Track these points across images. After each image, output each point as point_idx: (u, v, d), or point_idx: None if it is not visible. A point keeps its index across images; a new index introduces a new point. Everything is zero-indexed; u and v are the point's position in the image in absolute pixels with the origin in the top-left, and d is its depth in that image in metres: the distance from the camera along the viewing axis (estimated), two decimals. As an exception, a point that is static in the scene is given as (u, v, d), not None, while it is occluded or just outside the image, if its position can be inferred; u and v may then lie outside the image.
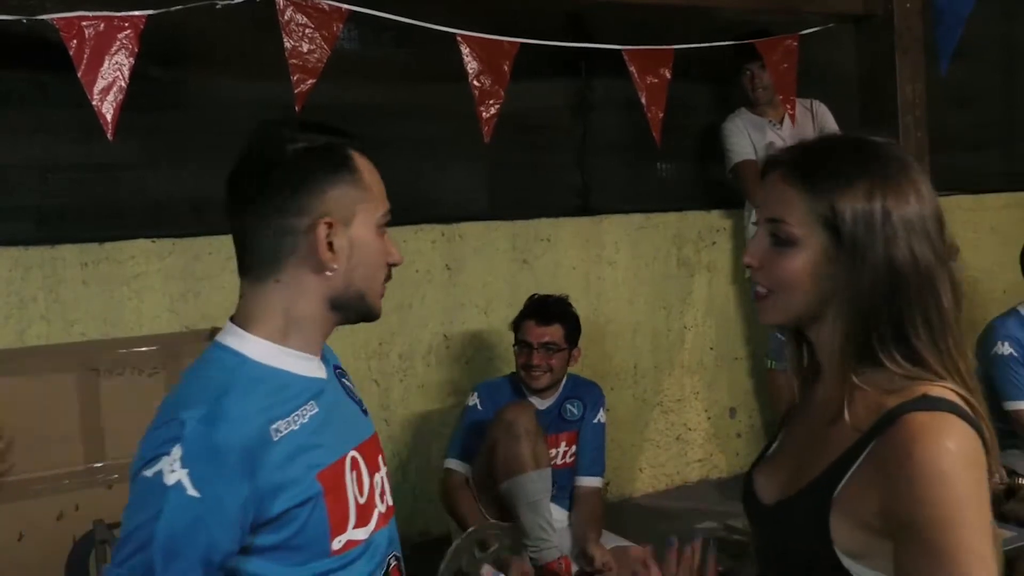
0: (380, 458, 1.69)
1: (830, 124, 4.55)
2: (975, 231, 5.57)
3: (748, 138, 4.49)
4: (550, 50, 3.36)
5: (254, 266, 1.54)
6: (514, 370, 3.66)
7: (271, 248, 1.52)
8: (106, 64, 2.43)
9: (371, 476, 1.62)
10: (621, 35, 3.38)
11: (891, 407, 1.31)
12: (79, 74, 2.42)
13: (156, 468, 1.38)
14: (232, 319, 1.56)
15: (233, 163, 1.57)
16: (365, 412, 1.77)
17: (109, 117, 2.43)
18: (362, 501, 1.57)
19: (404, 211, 4.31)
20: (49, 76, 3.37)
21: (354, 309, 1.58)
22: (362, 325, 4.06)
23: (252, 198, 1.52)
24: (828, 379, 1.42)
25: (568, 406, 3.64)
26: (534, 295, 3.70)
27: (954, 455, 1.25)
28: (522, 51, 3.04)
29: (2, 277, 3.38)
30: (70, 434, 2.56)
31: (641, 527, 3.94)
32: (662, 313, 4.68)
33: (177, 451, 1.38)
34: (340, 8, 2.70)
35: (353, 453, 1.59)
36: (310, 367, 1.57)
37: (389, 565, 1.64)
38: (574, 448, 3.63)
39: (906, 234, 1.36)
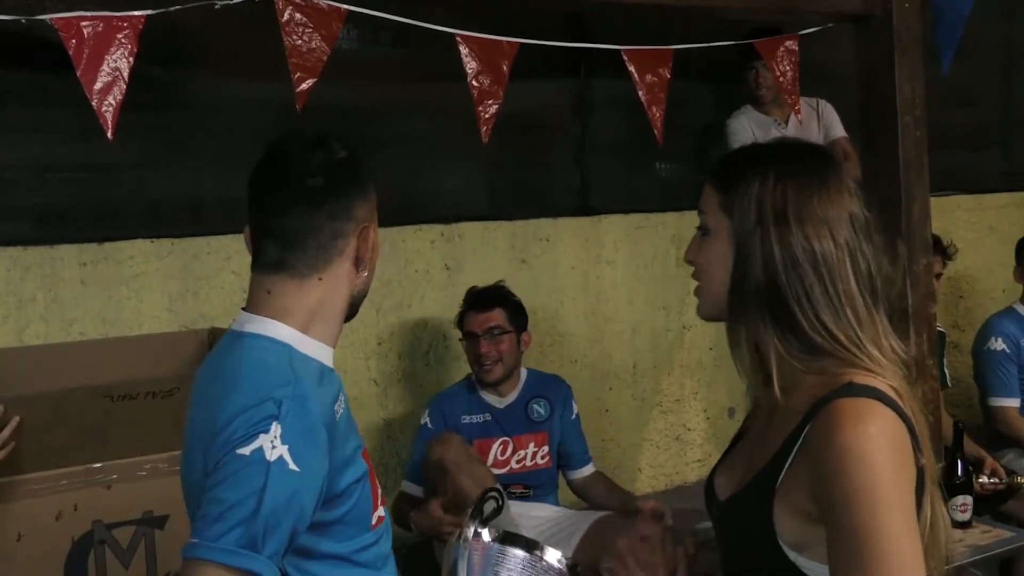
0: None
1: (835, 124, 4.54)
2: (974, 231, 5.57)
3: (752, 136, 4.48)
4: (549, 50, 3.35)
5: (297, 264, 1.61)
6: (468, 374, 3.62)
7: (325, 248, 1.61)
8: (105, 64, 2.43)
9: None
10: (620, 35, 3.37)
11: (820, 396, 1.35)
12: (78, 74, 2.41)
13: (255, 445, 1.44)
14: (253, 312, 1.63)
15: (265, 165, 1.65)
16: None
17: (108, 117, 2.42)
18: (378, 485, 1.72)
19: (404, 211, 4.36)
20: (48, 76, 3.37)
21: (357, 306, 1.71)
22: (361, 325, 4.05)
23: (308, 202, 1.61)
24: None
25: (534, 406, 3.59)
26: (471, 288, 3.66)
27: (874, 438, 1.28)
28: (521, 51, 3.04)
29: (1, 277, 3.38)
30: (69, 434, 2.56)
31: (640, 527, 3.94)
32: (661, 313, 4.68)
33: (276, 428, 1.45)
34: (339, 8, 2.70)
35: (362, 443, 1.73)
36: (329, 359, 1.67)
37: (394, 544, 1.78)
38: (546, 448, 3.58)
39: (802, 228, 1.39)
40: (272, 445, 1.45)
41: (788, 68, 3.48)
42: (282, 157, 1.65)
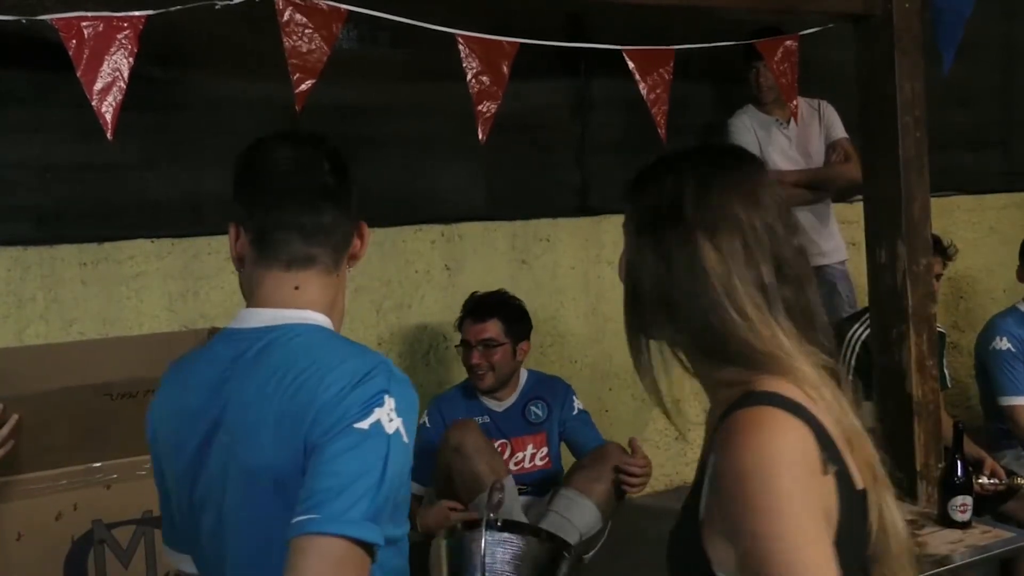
0: None
1: (836, 125, 4.54)
2: (975, 231, 5.57)
3: (754, 136, 4.49)
4: (549, 50, 3.35)
5: (326, 260, 1.63)
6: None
7: (343, 245, 1.66)
8: (105, 64, 2.43)
9: None
10: (620, 35, 3.37)
11: (724, 410, 1.30)
12: (78, 74, 2.41)
13: (372, 419, 1.44)
14: (284, 307, 1.60)
15: (267, 164, 1.65)
16: None
17: (108, 117, 2.42)
18: None
19: (404, 211, 4.36)
20: (48, 76, 3.37)
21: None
22: (361, 325, 4.04)
23: (339, 199, 1.65)
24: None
25: (532, 408, 3.58)
26: (474, 293, 3.64)
27: (764, 448, 1.21)
28: (521, 50, 3.04)
29: (1, 277, 3.38)
30: (69, 433, 2.56)
31: (640, 528, 3.94)
32: (661, 313, 4.68)
33: (390, 402, 1.47)
34: (339, 8, 2.70)
35: None
36: None
37: None
38: (545, 450, 3.57)
39: (684, 233, 1.35)
40: (389, 418, 1.45)
41: (788, 68, 3.48)
42: (293, 153, 1.66)
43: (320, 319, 1.61)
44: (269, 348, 1.56)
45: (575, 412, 3.61)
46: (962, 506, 2.85)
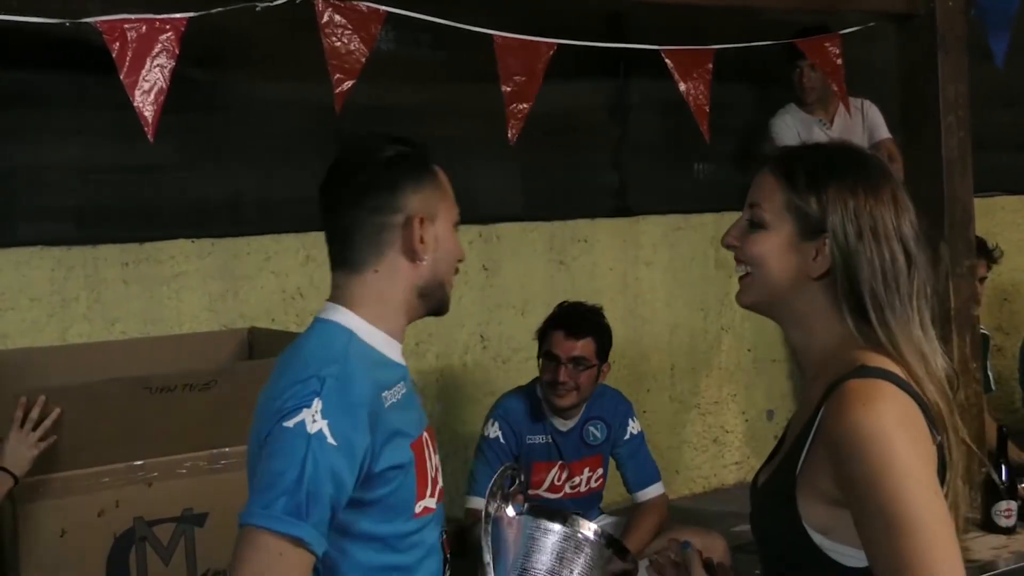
0: (434, 445, 1.87)
1: (880, 125, 4.50)
2: (1020, 232, 5.49)
3: (796, 135, 4.45)
4: (588, 50, 3.34)
5: (353, 259, 1.71)
6: (533, 379, 3.40)
7: (372, 242, 1.70)
8: (147, 66, 2.45)
9: (434, 455, 1.82)
10: (660, 35, 3.36)
11: (833, 380, 1.40)
12: (121, 76, 2.43)
13: (298, 419, 1.54)
14: (331, 302, 1.73)
15: (328, 170, 1.76)
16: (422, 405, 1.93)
17: (150, 119, 2.44)
18: (432, 475, 1.77)
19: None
20: (89, 78, 3.41)
21: (435, 297, 1.79)
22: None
23: (353, 200, 1.71)
24: (803, 357, 1.52)
25: (591, 428, 3.39)
26: (563, 303, 3.42)
27: (885, 414, 1.33)
28: (560, 51, 3.03)
29: (45, 277, 3.42)
30: (108, 428, 2.58)
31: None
32: (700, 315, 4.66)
33: (318, 404, 1.55)
34: (378, 10, 2.71)
35: (425, 433, 1.79)
36: (397, 352, 1.78)
37: (443, 536, 1.82)
38: (599, 471, 3.43)
39: (874, 234, 1.46)
40: (313, 419, 1.54)
41: (832, 68, 3.45)
42: (342, 159, 1.77)
43: (347, 317, 1.70)
44: (297, 340, 1.74)
45: (627, 436, 3.42)
46: (1007, 511, 2.81)
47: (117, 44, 2.45)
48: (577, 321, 3.30)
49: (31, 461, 2.48)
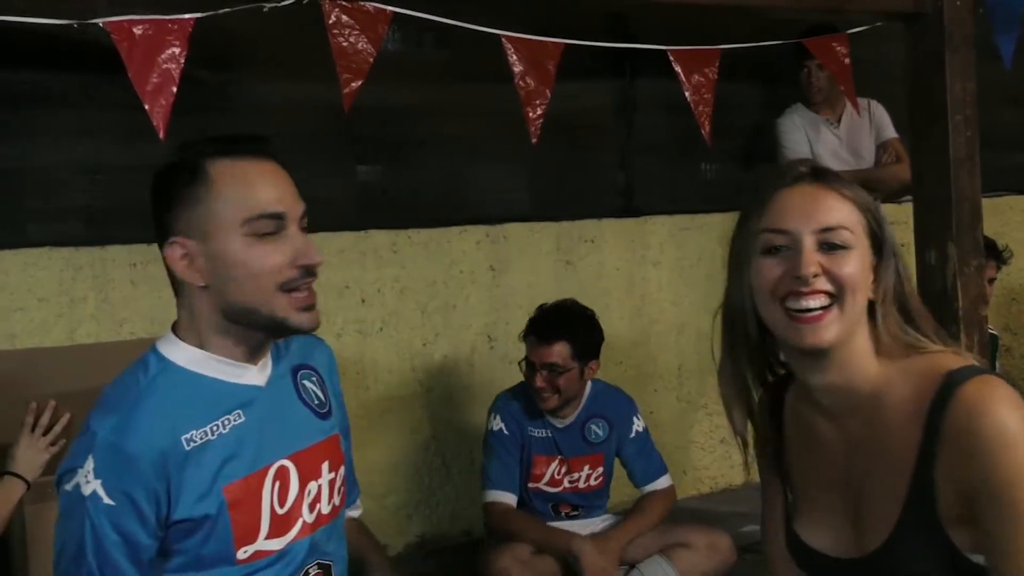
0: (325, 464, 1.67)
1: (887, 124, 4.49)
2: (1027, 232, 5.47)
3: (804, 135, 4.45)
4: (594, 50, 3.34)
5: (172, 283, 1.62)
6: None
7: (168, 268, 1.59)
8: (156, 66, 2.46)
9: (303, 485, 1.61)
10: (666, 35, 3.36)
11: (930, 391, 1.33)
12: (131, 76, 2.44)
13: (74, 481, 1.45)
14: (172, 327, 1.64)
15: None
16: (325, 415, 1.73)
17: (160, 119, 2.45)
18: (281, 512, 1.57)
19: (448, 212, 4.38)
20: (97, 79, 3.42)
21: (254, 322, 1.56)
22: (406, 326, 4.03)
23: (157, 220, 1.60)
24: (847, 397, 1.42)
25: (592, 426, 3.40)
26: (543, 304, 3.39)
27: (1017, 413, 1.29)
28: (566, 51, 3.03)
29: (53, 277, 3.43)
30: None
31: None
32: (707, 315, 4.58)
33: (90, 463, 1.45)
34: (385, 10, 2.71)
35: (282, 462, 1.59)
36: (241, 374, 1.58)
37: (308, 574, 1.63)
38: (600, 470, 3.43)
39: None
40: (87, 480, 1.44)
41: (839, 67, 3.45)
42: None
43: (171, 345, 1.59)
44: None
45: (632, 435, 3.44)
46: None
47: (126, 44, 2.46)
48: (549, 326, 3.26)
49: (42, 466, 2.50)
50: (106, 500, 1.44)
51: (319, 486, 1.64)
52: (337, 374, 1.83)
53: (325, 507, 1.66)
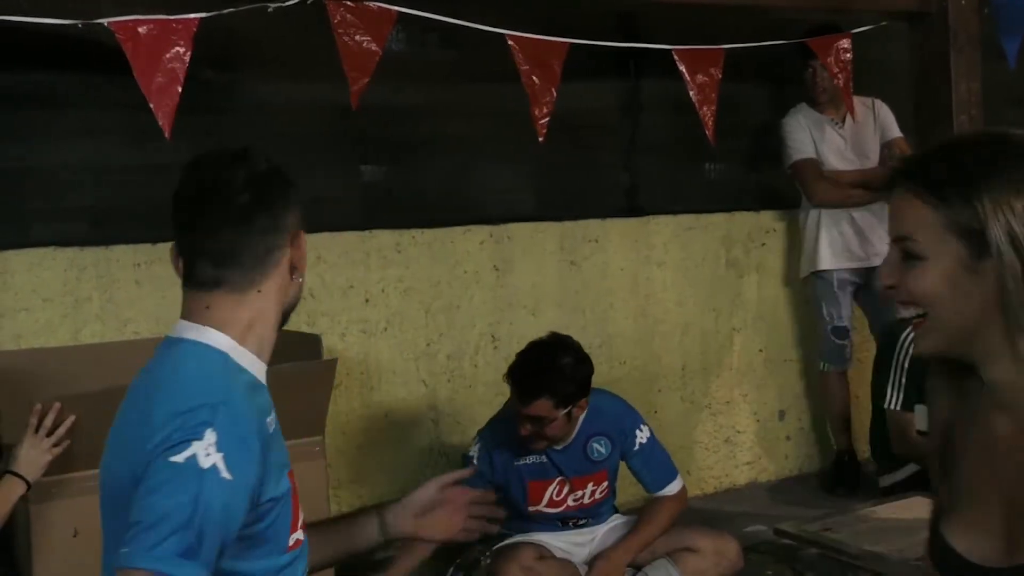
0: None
1: (891, 124, 4.49)
2: (1032, 232, 5.46)
3: (809, 135, 4.45)
4: (599, 50, 3.34)
5: (236, 280, 1.61)
6: None
7: (260, 262, 1.62)
8: (161, 66, 2.46)
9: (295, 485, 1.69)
10: (671, 35, 3.36)
11: None
12: (136, 76, 2.45)
13: (188, 453, 1.43)
14: (192, 321, 1.63)
15: (189, 189, 1.67)
16: None
17: (166, 119, 2.46)
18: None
19: (452, 212, 4.37)
20: (102, 79, 3.42)
21: (289, 314, 1.71)
22: (410, 326, 4.04)
23: (236, 221, 1.61)
24: (1009, 401, 1.31)
25: (594, 445, 3.28)
26: (524, 350, 3.22)
27: None
28: (571, 51, 3.03)
29: (58, 277, 3.43)
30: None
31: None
32: (711, 315, 4.65)
33: (211, 436, 1.44)
34: (390, 9, 2.72)
35: None
36: (262, 373, 1.66)
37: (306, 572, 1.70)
38: (604, 484, 3.36)
39: None
40: (206, 453, 1.43)
41: (842, 67, 3.45)
42: (207, 175, 1.67)
43: (217, 338, 1.60)
44: (158, 361, 1.62)
45: (636, 447, 3.31)
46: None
47: (131, 44, 2.46)
48: (528, 382, 3.10)
49: (44, 467, 2.50)
50: (225, 474, 1.43)
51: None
52: None
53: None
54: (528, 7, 3.51)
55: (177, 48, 2.48)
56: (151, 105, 2.43)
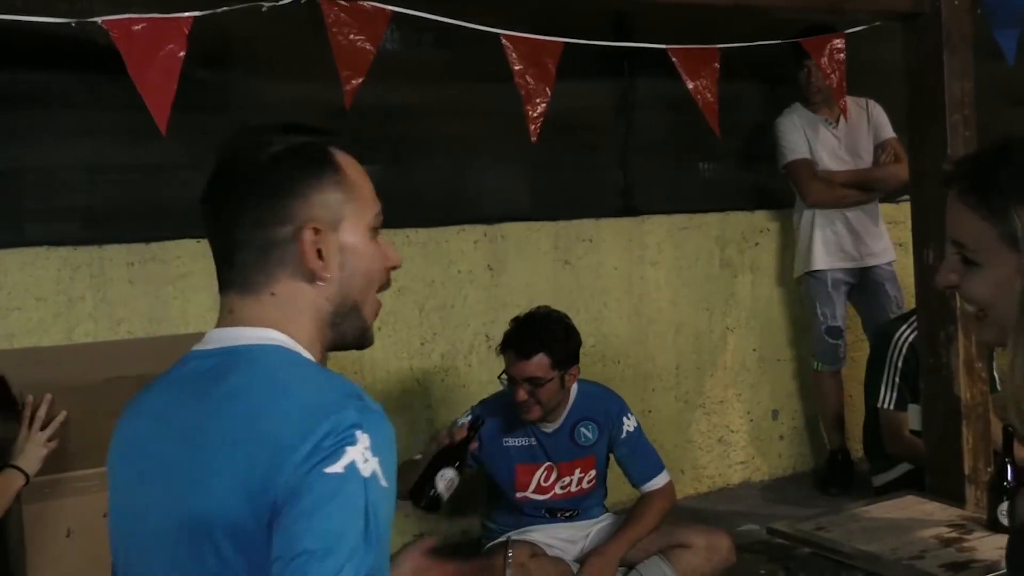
0: None
1: (885, 124, 4.51)
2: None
3: (803, 135, 4.46)
4: (593, 50, 3.34)
5: (240, 280, 1.40)
6: None
7: (258, 262, 1.38)
8: (155, 65, 2.46)
9: None
10: (665, 35, 3.36)
11: None
12: (131, 74, 2.44)
13: (346, 460, 1.22)
14: (247, 324, 1.40)
15: (211, 173, 1.44)
16: None
17: (161, 117, 2.46)
18: None
19: (446, 212, 4.37)
20: (96, 78, 3.42)
21: (350, 326, 1.43)
22: (404, 325, 4.04)
23: (235, 210, 1.39)
24: None
25: (581, 429, 3.35)
26: (517, 316, 3.34)
27: None
28: (565, 51, 3.03)
29: (51, 277, 3.43)
30: (113, 428, 2.59)
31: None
32: (704, 314, 4.66)
33: (364, 439, 1.24)
34: (384, 9, 2.72)
35: None
36: None
37: None
38: (592, 472, 3.39)
39: None
40: (364, 459, 1.23)
41: (835, 67, 3.45)
42: (218, 162, 1.44)
43: (283, 339, 1.37)
44: (224, 371, 1.35)
45: (623, 435, 3.38)
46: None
47: (125, 43, 2.46)
48: (525, 339, 3.21)
49: (42, 460, 2.50)
50: (383, 482, 1.24)
51: None
52: None
53: None
54: (523, 7, 3.51)
55: (171, 46, 2.47)
56: (146, 104, 2.43)
